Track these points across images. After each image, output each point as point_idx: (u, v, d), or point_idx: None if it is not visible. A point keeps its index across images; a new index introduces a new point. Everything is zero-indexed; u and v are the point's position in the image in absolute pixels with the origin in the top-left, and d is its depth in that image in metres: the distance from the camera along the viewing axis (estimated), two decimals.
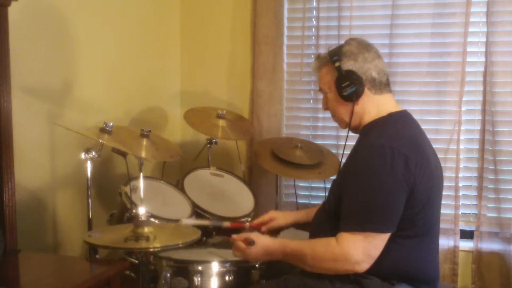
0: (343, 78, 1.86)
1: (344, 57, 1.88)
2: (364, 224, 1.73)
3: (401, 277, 1.81)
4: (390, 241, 1.76)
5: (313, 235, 1.97)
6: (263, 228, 2.20)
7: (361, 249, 1.73)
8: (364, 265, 1.74)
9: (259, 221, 2.22)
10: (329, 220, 1.87)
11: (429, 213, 1.82)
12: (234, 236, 1.99)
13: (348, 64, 1.87)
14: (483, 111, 2.89)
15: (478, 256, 2.91)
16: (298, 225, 2.24)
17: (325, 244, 1.79)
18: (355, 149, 1.90)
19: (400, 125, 1.87)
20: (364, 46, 1.90)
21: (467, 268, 2.94)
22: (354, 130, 1.96)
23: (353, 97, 1.87)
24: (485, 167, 2.90)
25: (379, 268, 1.76)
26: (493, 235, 2.92)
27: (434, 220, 1.88)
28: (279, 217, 2.21)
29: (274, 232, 2.22)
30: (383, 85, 1.90)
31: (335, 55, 1.90)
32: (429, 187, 1.79)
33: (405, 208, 1.75)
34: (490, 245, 2.91)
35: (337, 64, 1.88)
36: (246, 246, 1.93)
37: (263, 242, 1.91)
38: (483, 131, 2.89)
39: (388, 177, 1.72)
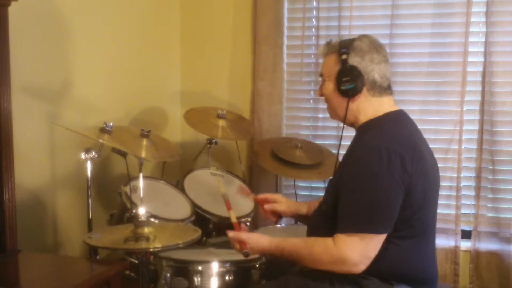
0: (345, 72, 1.85)
1: (352, 51, 1.86)
2: (360, 225, 1.73)
3: (400, 277, 1.80)
4: (387, 242, 1.76)
5: (310, 236, 1.97)
6: (266, 206, 2.19)
7: (358, 250, 1.73)
8: (361, 267, 1.74)
9: (264, 197, 2.22)
10: (326, 221, 1.86)
11: (426, 213, 1.82)
12: (230, 234, 1.95)
13: (354, 60, 1.85)
14: (482, 111, 2.89)
15: (476, 256, 2.91)
16: (299, 218, 2.23)
17: (322, 245, 1.79)
18: (351, 149, 1.90)
19: (396, 125, 1.87)
20: (375, 47, 1.88)
21: (465, 268, 2.94)
22: (347, 124, 1.95)
23: (349, 93, 1.86)
24: (483, 167, 2.91)
25: (377, 268, 1.76)
26: (491, 235, 2.92)
27: (431, 220, 1.88)
28: (283, 203, 2.20)
29: (276, 215, 2.21)
30: (383, 90, 1.88)
31: (345, 47, 1.88)
32: (425, 187, 1.79)
33: (402, 209, 1.75)
34: (488, 245, 2.91)
35: (344, 56, 1.86)
36: (241, 249, 1.92)
37: (258, 247, 1.90)
38: (481, 131, 2.89)
39: (384, 178, 1.72)
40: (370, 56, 1.85)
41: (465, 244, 2.96)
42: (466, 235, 2.98)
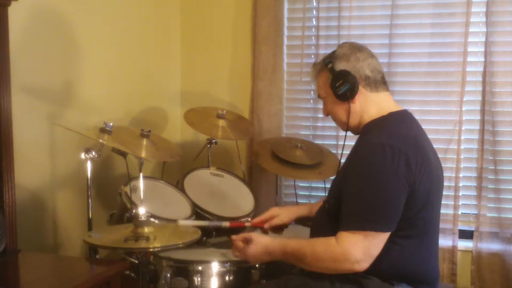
0: (337, 78, 1.89)
1: (336, 59, 1.90)
2: (364, 223, 1.73)
3: (401, 277, 1.81)
4: (389, 242, 1.76)
5: (313, 234, 1.97)
6: (266, 225, 2.18)
7: (361, 248, 1.73)
8: (364, 264, 1.74)
9: (260, 219, 2.20)
10: (329, 219, 1.87)
11: (428, 213, 1.82)
12: (234, 236, 1.99)
13: (340, 65, 1.89)
14: (482, 111, 2.89)
15: (478, 257, 2.91)
16: (301, 220, 2.23)
17: (325, 243, 1.79)
18: (355, 148, 1.90)
19: (400, 124, 1.87)
20: (356, 47, 1.92)
21: (467, 269, 2.94)
22: (354, 130, 1.96)
23: (348, 95, 1.88)
24: (484, 167, 2.90)
25: (379, 268, 1.76)
26: (493, 236, 2.91)
27: (433, 220, 1.88)
28: (282, 214, 2.19)
29: (278, 229, 2.20)
30: (379, 83, 1.91)
31: (328, 59, 1.94)
32: (429, 187, 1.79)
33: (405, 208, 1.75)
34: (490, 246, 2.91)
35: (330, 66, 1.91)
36: (244, 245, 1.93)
37: (262, 242, 1.91)
38: (482, 131, 2.89)
39: (388, 176, 1.72)
40: (354, 56, 1.89)
41: (467, 245, 2.96)
42: (467, 235, 2.98)
